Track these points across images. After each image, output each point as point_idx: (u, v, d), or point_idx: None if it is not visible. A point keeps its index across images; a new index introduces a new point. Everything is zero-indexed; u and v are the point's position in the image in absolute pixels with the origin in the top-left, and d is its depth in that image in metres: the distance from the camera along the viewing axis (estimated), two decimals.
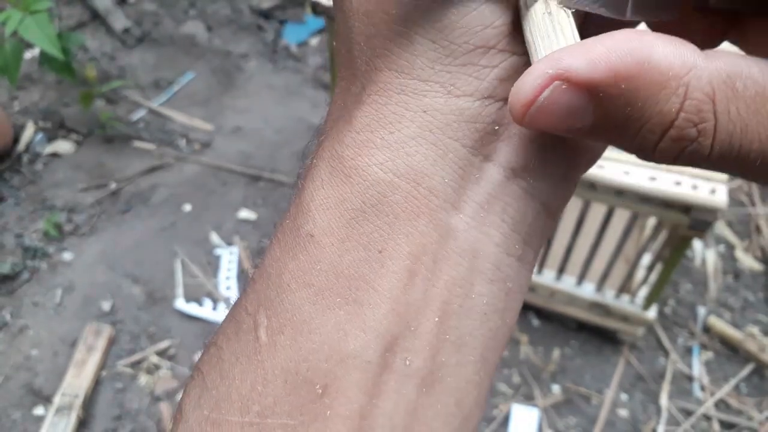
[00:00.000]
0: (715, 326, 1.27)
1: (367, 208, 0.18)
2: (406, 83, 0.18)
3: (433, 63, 0.18)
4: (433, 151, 0.18)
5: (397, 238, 0.18)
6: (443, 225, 0.18)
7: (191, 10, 1.99)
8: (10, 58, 1.36)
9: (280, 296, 0.19)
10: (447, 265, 0.18)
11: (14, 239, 1.40)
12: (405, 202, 0.18)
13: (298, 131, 1.65)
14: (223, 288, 1.33)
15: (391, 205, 0.18)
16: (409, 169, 0.18)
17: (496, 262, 0.19)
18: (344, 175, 0.19)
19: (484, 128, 0.18)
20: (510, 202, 0.19)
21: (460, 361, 0.18)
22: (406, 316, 0.18)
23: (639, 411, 1.18)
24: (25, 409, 1.16)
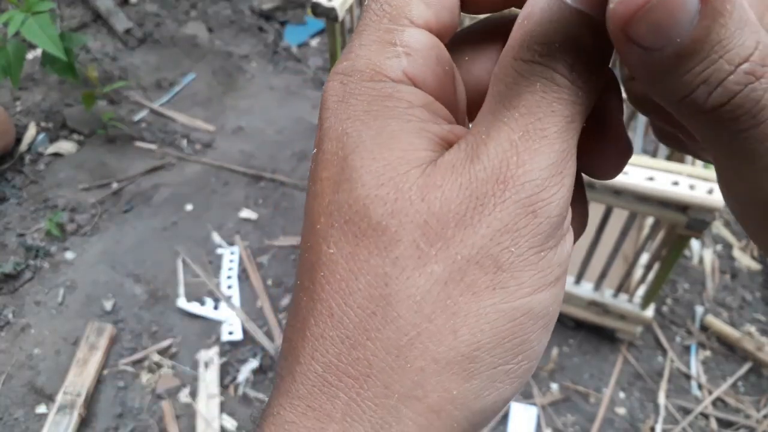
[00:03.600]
0: (713, 325, 1.28)
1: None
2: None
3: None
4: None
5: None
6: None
7: (193, 12, 1.99)
8: (13, 59, 1.37)
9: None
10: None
11: (16, 239, 1.41)
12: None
13: (298, 131, 1.66)
14: (224, 287, 1.34)
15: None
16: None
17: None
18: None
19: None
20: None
21: None
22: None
23: (637, 409, 1.19)
24: (27, 407, 1.17)
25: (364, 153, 0.19)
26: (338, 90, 0.20)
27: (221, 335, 1.26)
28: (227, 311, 1.29)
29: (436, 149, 0.19)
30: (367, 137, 0.19)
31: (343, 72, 0.20)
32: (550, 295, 0.19)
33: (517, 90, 0.18)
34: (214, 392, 1.18)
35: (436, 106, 0.20)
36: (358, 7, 1.06)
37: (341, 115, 0.20)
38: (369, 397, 0.18)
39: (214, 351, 1.24)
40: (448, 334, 0.18)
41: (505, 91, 0.19)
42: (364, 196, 0.19)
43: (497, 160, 0.18)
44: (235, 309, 1.30)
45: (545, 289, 0.19)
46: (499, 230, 0.18)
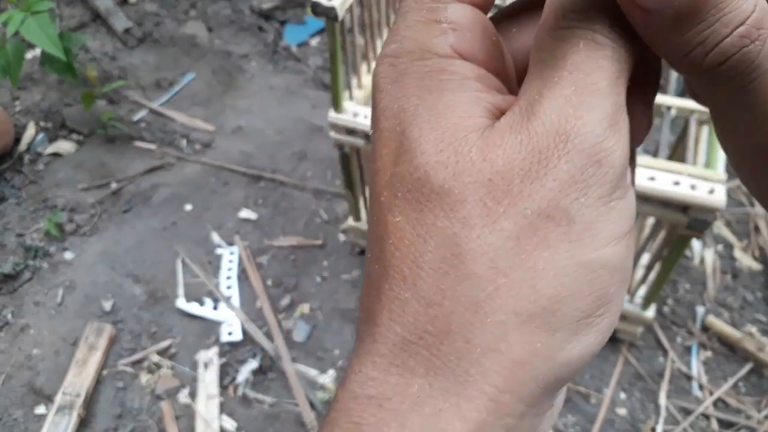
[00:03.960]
0: (714, 325, 1.28)
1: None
2: (517, 407, 0.18)
3: (545, 393, 0.19)
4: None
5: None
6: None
7: (192, 11, 1.99)
8: (12, 59, 1.36)
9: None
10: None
11: (15, 239, 1.40)
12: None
13: (298, 131, 1.65)
14: (223, 287, 1.33)
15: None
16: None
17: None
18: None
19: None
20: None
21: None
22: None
23: (638, 410, 1.19)
24: (26, 407, 1.16)
25: (422, 124, 0.20)
26: (389, 72, 0.21)
27: (221, 336, 1.26)
28: (227, 312, 1.29)
29: (492, 117, 0.20)
30: (424, 109, 0.20)
31: (392, 54, 0.21)
32: (625, 248, 0.19)
33: (561, 53, 0.19)
34: (214, 393, 1.18)
35: (487, 78, 0.20)
36: (358, 7, 1.06)
37: (396, 93, 0.20)
38: (450, 352, 0.18)
39: (214, 351, 1.23)
40: (527, 287, 0.18)
41: (549, 57, 0.19)
42: (424, 163, 0.19)
43: (554, 116, 0.18)
44: (234, 309, 1.30)
45: (620, 241, 0.19)
46: (566, 181, 0.18)
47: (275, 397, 1.19)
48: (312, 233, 1.43)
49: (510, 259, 0.18)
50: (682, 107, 1.01)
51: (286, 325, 1.28)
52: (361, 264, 1.38)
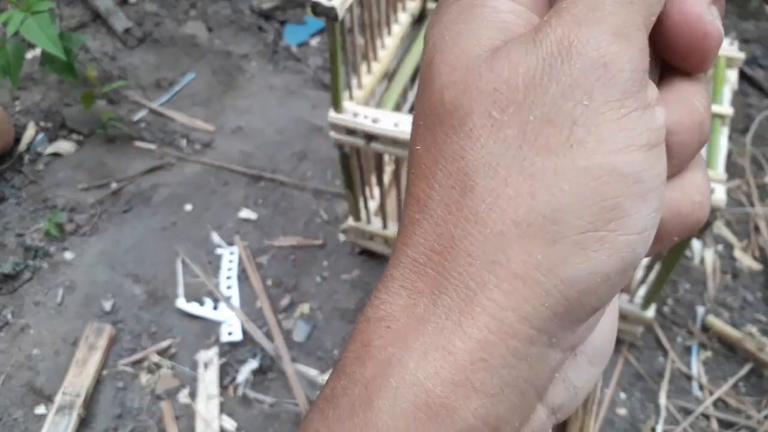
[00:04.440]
0: (714, 325, 1.28)
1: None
2: (521, 329, 0.18)
3: (554, 316, 0.18)
4: (518, 399, 0.18)
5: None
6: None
7: (192, 11, 1.99)
8: (12, 59, 1.37)
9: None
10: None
11: (15, 239, 1.40)
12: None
13: (298, 131, 1.65)
14: (223, 287, 1.33)
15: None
16: (495, 418, 0.18)
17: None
18: (431, 413, 0.17)
19: (555, 376, 0.19)
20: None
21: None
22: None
23: (638, 410, 1.19)
24: (26, 408, 1.16)
25: (444, 51, 0.20)
26: (436, 12, 0.21)
27: (221, 336, 1.26)
28: (227, 312, 1.29)
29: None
30: (449, 38, 0.20)
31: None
32: (642, 159, 0.18)
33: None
34: (214, 393, 1.18)
35: (526, 14, 0.20)
36: (358, 7, 1.06)
37: (433, 31, 0.21)
38: (454, 268, 0.18)
39: (214, 351, 1.23)
40: (526, 195, 0.18)
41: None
42: (439, 85, 0.19)
43: (560, 27, 0.18)
44: (234, 309, 1.30)
45: (633, 151, 0.18)
46: (569, 85, 0.17)
47: (275, 397, 1.19)
48: (312, 233, 1.43)
49: (511, 167, 0.18)
50: None
51: (286, 325, 1.28)
52: (361, 264, 1.38)
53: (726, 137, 0.99)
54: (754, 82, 1.78)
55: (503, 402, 0.18)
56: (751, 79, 1.78)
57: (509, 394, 0.18)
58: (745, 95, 1.76)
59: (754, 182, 1.55)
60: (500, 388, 0.18)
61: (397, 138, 0.99)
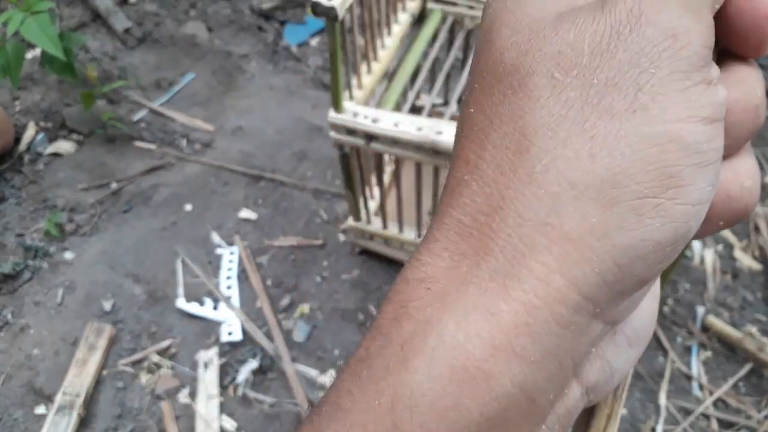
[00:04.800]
0: (714, 325, 1.28)
1: (483, 420, 0.17)
2: (569, 295, 0.17)
3: (603, 283, 0.17)
4: (556, 369, 0.18)
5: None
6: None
7: (192, 11, 1.99)
8: (12, 59, 1.36)
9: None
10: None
11: (15, 239, 1.40)
12: (517, 417, 0.18)
13: (298, 131, 1.65)
14: (223, 287, 1.33)
15: (505, 419, 0.17)
16: (533, 386, 0.17)
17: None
18: (468, 376, 0.17)
19: (591, 350, 0.19)
20: (574, 413, 0.20)
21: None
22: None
23: (638, 410, 1.19)
24: (26, 408, 1.16)
25: (505, 14, 0.20)
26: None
27: (220, 336, 1.26)
28: (227, 312, 1.29)
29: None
30: (511, 3, 0.20)
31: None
32: (703, 131, 0.18)
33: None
34: (214, 393, 1.18)
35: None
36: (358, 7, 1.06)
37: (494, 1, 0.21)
38: (502, 229, 0.18)
39: (214, 351, 1.23)
40: (586, 157, 0.17)
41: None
42: (500, 46, 0.19)
43: (630, 0, 0.18)
44: (234, 309, 1.30)
45: (696, 122, 0.17)
46: (637, 53, 0.17)
47: (275, 397, 1.19)
48: (312, 233, 1.43)
49: (571, 129, 0.17)
50: None
51: (286, 325, 1.28)
52: (361, 264, 1.38)
53: None
54: None
55: (542, 370, 0.17)
56: None
57: (549, 362, 0.17)
58: None
59: None
60: (541, 356, 0.17)
61: (397, 138, 0.99)
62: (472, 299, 0.18)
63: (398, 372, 0.17)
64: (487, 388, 0.17)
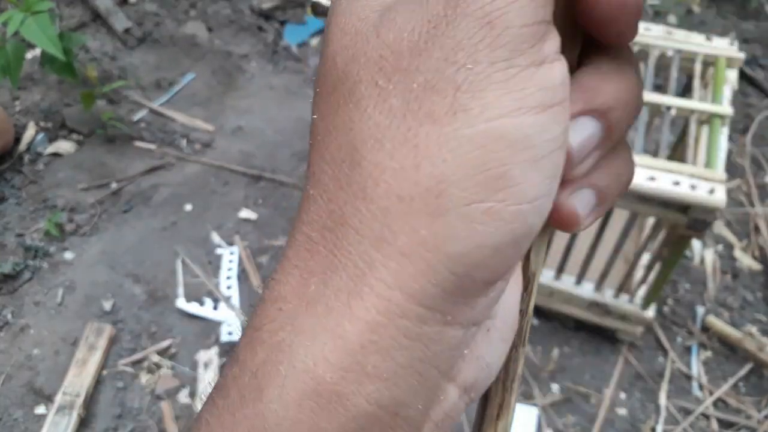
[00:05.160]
0: (714, 325, 1.28)
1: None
2: (410, 308, 0.17)
3: (445, 293, 0.17)
4: (418, 381, 0.17)
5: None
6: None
7: (192, 11, 1.99)
8: (12, 59, 1.36)
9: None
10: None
11: (15, 239, 1.40)
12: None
13: (298, 131, 1.65)
14: (223, 287, 1.33)
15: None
16: (392, 402, 0.17)
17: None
18: (322, 401, 0.17)
19: (460, 354, 0.18)
20: (454, 415, 0.19)
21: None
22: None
23: (638, 410, 1.19)
24: (26, 408, 1.16)
25: (338, 10, 0.19)
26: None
27: (221, 336, 1.26)
28: (227, 311, 1.29)
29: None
30: (345, 0, 0.19)
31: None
32: (533, 122, 0.16)
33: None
34: None
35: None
36: None
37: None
38: (344, 246, 0.17)
39: (214, 351, 1.23)
40: (410, 168, 0.16)
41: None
42: (332, 51, 0.18)
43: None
44: (234, 309, 1.30)
45: (523, 114, 0.16)
46: (452, 49, 0.16)
47: None
48: None
49: (395, 139, 0.17)
50: (682, 107, 1.01)
51: None
52: None
53: (726, 137, 0.98)
54: (754, 82, 1.78)
55: (400, 385, 0.17)
56: (751, 79, 1.78)
57: (406, 376, 0.17)
58: (745, 95, 1.75)
59: (754, 182, 1.55)
60: (394, 371, 0.17)
61: None
62: (319, 320, 0.17)
63: (253, 402, 0.17)
64: (342, 410, 0.17)
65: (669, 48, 1.09)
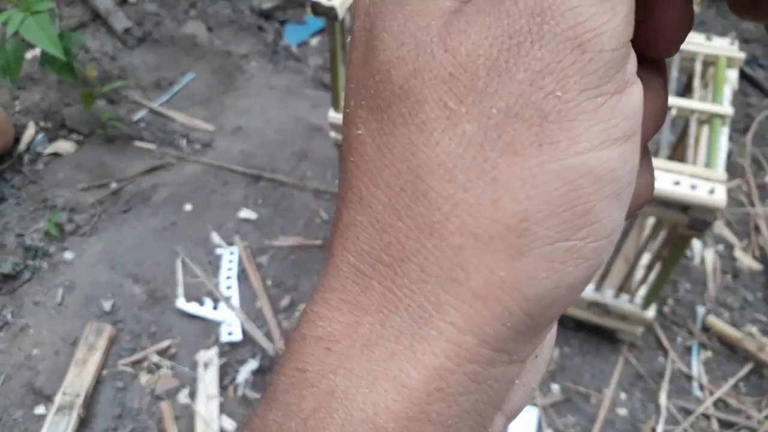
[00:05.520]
0: (714, 325, 1.28)
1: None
2: (481, 352, 0.16)
3: (516, 335, 0.16)
4: (477, 422, 0.17)
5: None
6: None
7: (192, 11, 1.99)
8: (12, 59, 1.36)
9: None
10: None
11: (15, 239, 1.40)
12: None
13: (298, 131, 1.65)
14: (223, 287, 1.33)
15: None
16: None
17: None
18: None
19: (512, 386, 0.18)
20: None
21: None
22: None
23: (638, 410, 1.19)
24: (26, 408, 1.16)
25: (387, 15, 0.17)
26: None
27: (220, 336, 1.26)
28: (226, 312, 1.29)
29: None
30: (391, 1, 0.17)
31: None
32: (617, 155, 0.15)
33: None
34: (214, 393, 1.18)
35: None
36: None
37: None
38: (405, 284, 0.16)
39: (214, 352, 1.23)
40: (488, 204, 0.15)
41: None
42: (386, 61, 0.16)
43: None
44: (234, 309, 1.29)
45: (609, 146, 0.15)
46: (539, 72, 0.15)
47: None
48: (312, 233, 1.43)
49: (471, 170, 0.15)
50: (682, 107, 1.01)
51: (286, 326, 1.28)
52: None
53: (726, 137, 0.98)
54: (755, 82, 1.78)
55: (461, 429, 0.16)
56: (751, 78, 1.78)
57: (468, 419, 0.16)
58: (745, 95, 1.75)
59: (755, 182, 1.55)
60: (458, 416, 0.16)
61: None
62: (378, 365, 0.16)
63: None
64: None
65: None
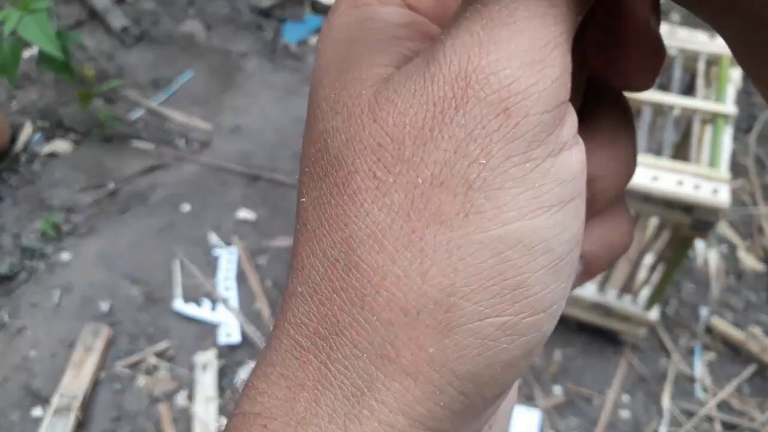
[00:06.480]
0: (718, 327, 1.27)
1: None
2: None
3: (453, 414, 0.15)
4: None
5: None
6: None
7: (190, 9, 1.98)
8: (9, 58, 1.35)
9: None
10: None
11: (12, 239, 1.39)
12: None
13: (297, 131, 1.64)
14: (221, 288, 1.32)
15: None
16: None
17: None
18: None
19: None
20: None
21: None
22: None
23: (641, 412, 1.18)
24: (23, 410, 1.15)
25: (326, 84, 0.17)
26: (325, 24, 0.18)
27: (219, 337, 1.25)
28: (225, 313, 1.28)
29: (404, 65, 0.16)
30: (333, 64, 0.17)
31: (334, 5, 0.18)
32: (552, 223, 0.15)
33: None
34: (212, 395, 1.17)
35: (425, 24, 0.17)
36: None
37: (322, 49, 0.18)
38: (339, 359, 0.15)
39: (212, 353, 1.22)
40: (416, 276, 0.15)
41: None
42: (323, 130, 0.16)
43: (456, 57, 0.14)
44: (232, 311, 1.28)
45: (541, 214, 0.15)
46: (463, 139, 0.14)
47: None
48: None
49: (398, 240, 0.15)
50: (685, 106, 1.00)
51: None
52: None
53: (730, 137, 0.97)
54: None
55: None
56: None
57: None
58: (748, 94, 1.74)
59: (758, 182, 1.54)
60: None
61: None
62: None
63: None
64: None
65: (672, 46, 1.08)
